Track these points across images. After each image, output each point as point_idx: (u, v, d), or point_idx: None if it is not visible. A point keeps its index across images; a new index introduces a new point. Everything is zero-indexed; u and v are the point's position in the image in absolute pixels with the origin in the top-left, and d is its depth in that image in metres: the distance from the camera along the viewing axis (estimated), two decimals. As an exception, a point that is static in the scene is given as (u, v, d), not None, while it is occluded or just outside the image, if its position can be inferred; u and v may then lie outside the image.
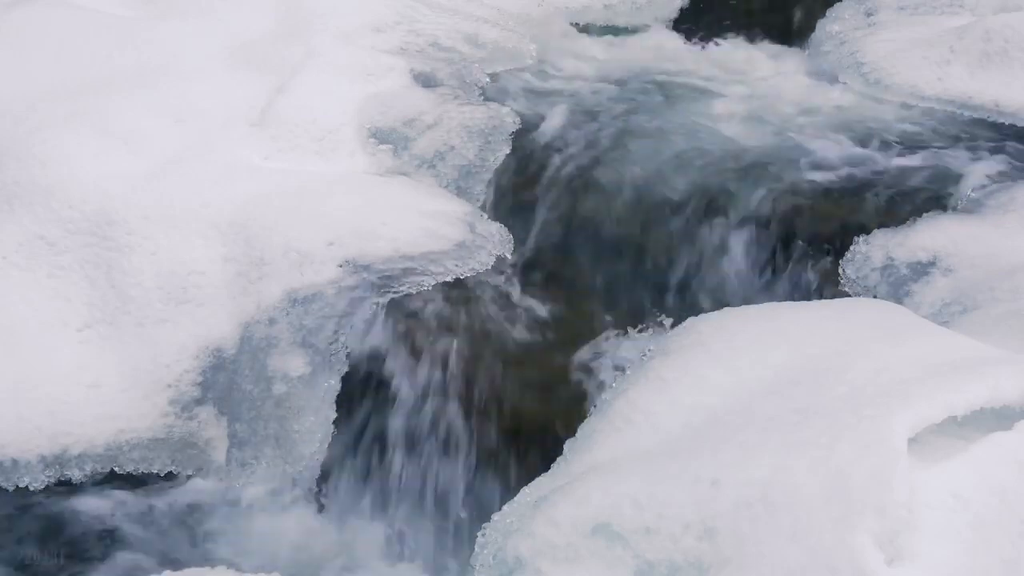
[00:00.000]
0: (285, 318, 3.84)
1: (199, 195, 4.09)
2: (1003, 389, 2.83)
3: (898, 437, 2.69)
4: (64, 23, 4.87)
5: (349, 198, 4.11)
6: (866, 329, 3.27)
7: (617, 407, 3.24)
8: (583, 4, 5.74)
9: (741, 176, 4.39)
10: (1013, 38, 4.85)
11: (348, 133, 4.48)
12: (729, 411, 3.06)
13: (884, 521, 2.58)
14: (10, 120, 4.35)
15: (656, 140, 4.59)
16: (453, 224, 4.10)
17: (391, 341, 3.82)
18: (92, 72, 4.63)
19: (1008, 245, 3.94)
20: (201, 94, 4.53)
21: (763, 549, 2.63)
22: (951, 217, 4.13)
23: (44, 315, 3.98)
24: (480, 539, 3.11)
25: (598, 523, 2.84)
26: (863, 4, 5.52)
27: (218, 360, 3.87)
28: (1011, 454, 2.73)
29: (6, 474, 3.76)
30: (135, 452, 3.81)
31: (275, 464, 3.79)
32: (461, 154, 4.45)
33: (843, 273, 4.05)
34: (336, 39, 4.88)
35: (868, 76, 5.05)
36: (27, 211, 4.09)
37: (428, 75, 4.81)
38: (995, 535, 2.63)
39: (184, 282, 3.96)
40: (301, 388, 3.78)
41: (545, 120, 4.71)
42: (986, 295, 3.75)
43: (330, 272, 3.89)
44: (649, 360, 3.39)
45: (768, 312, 3.50)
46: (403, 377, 3.78)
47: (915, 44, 5.09)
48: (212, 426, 3.84)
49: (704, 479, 2.78)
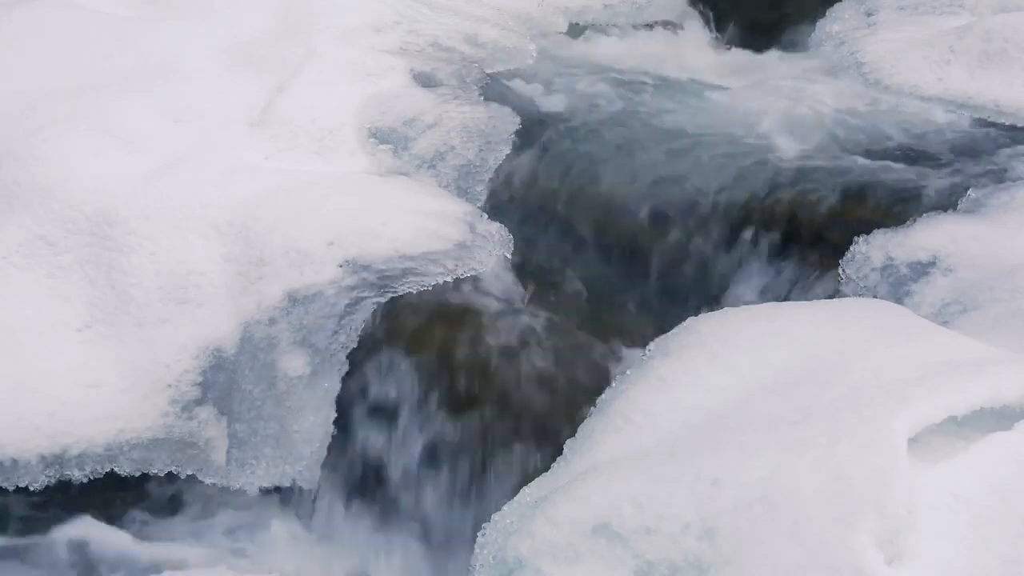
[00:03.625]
0: (285, 318, 3.84)
1: (199, 195, 4.09)
2: (1003, 389, 2.84)
3: (898, 437, 2.70)
4: (64, 23, 4.87)
5: (349, 198, 4.11)
6: (866, 329, 3.27)
7: (617, 407, 3.25)
8: (583, 4, 5.74)
9: (741, 176, 4.39)
10: (1013, 38, 4.85)
11: (348, 133, 4.48)
12: (729, 411, 3.06)
13: (884, 521, 2.58)
14: (10, 120, 4.35)
15: (656, 140, 4.59)
16: (453, 224, 4.10)
17: (391, 341, 3.81)
18: (92, 72, 4.63)
19: (1008, 245, 3.94)
20: (201, 94, 4.53)
21: (763, 549, 2.63)
22: (951, 217, 4.13)
23: (44, 315, 3.97)
24: (480, 539, 3.11)
25: (598, 523, 2.84)
26: (863, 4, 5.52)
27: (218, 360, 3.87)
28: (1011, 454, 2.73)
29: (6, 474, 3.76)
30: (135, 452, 3.81)
31: (275, 464, 3.78)
32: (461, 154, 4.45)
33: (843, 273, 4.05)
34: (336, 39, 4.88)
35: (868, 76, 5.05)
36: (27, 211, 4.09)
37: (428, 75, 4.81)
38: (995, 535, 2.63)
39: (184, 282, 3.96)
40: (301, 388, 3.78)
41: (545, 120, 4.71)
42: (986, 295, 3.75)
43: (330, 272, 3.89)
44: (649, 360, 3.39)
45: (768, 312, 3.50)
46: (403, 377, 3.78)
47: (915, 44, 5.09)
48: (212, 426, 3.84)
49: (704, 479, 2.78)
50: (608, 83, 5.05)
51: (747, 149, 4.52)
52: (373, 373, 3.80)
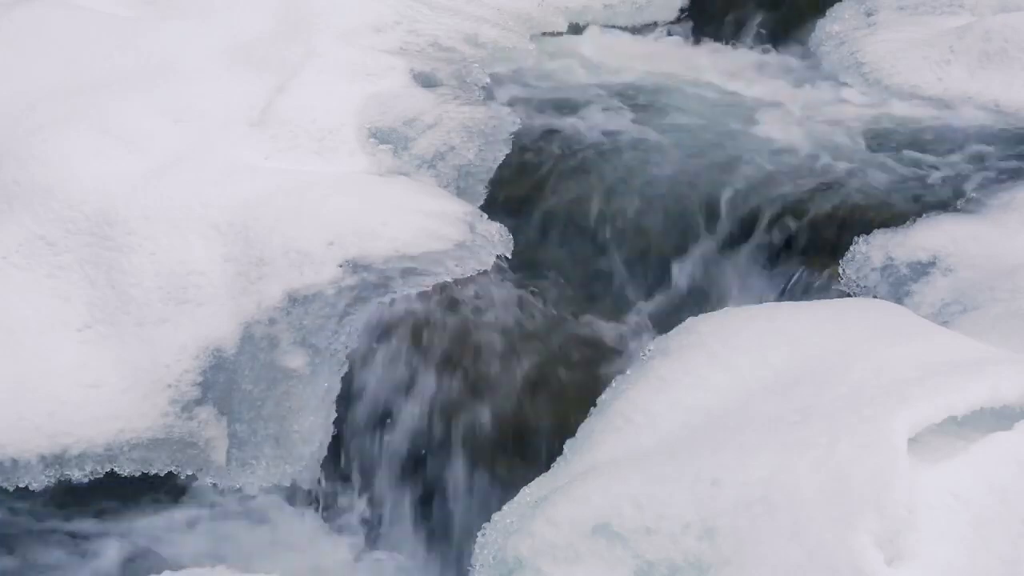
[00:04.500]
0: (285, 318, 3.84)
1: (199, 195, 4.09)
2: (1003, 389, 2.84)
3: (898, 437, 2.70)
4: (64, 23, 4.87)
5: (349, 198, 4.11)
6: (866, 329, 3.27)
7: (617, 407, 3.25)
8: (583, 4, 5.74)
9: (741, 176, 4.39)
10: (1013, 38, 4.85)
11: (348, 133, 4.48)
12: (729, 411, 3.06)
13: (884, 521, 2.58)
14: (10, 120, 4.35)
15: (656, 140, 4.59)
16: (453, 224, 4.10)
17: (391, 341, 3.81)
18: (92, 72, 4.63)
19: (1008, 245, 3.94)
20: (201, 94, 4.53)
21: (763, 549, 2.63)
22: (951, 217, 4.13)
23: (44, 315, 3.97)
24: (480, 539, 3.11)
25: (598, 523, 2.84)
26: (863, 4, 5.52)
27: (218, 360, 3.87)
28: (1011, 454, 2.73)
29: (6, 474, 3.76)
30: (135, 452, 3.81)
31: (275, 464, 3.78)
32: (461, 154, 4.45)
33: (843, 273, 4.05)
34: (336, 39, 4.88)
35: (868, 76, 5.05)
36: (27, 211, 4.09)
37: (428, 75, 4.81)
38: (995, 535, 2.63)
39: (184, 282, 3.96)
40: (301, 388, 3.78)
41: (545, 120, 4.71)
42: (986, 295, 3.75)
43: (330, 272, 3.89)
44: (649, 360, 3.39)
45: (768, 312, 3.50)
46: (403, 377, 3.78)
47: (915, 44, 5.09)
48: (212, 426, 3.84)
49: (704, 479, 2.78)
50: (608, 83, 5.05)
51: (747, 148, 4.52)
52: (373, 373, 3.80)
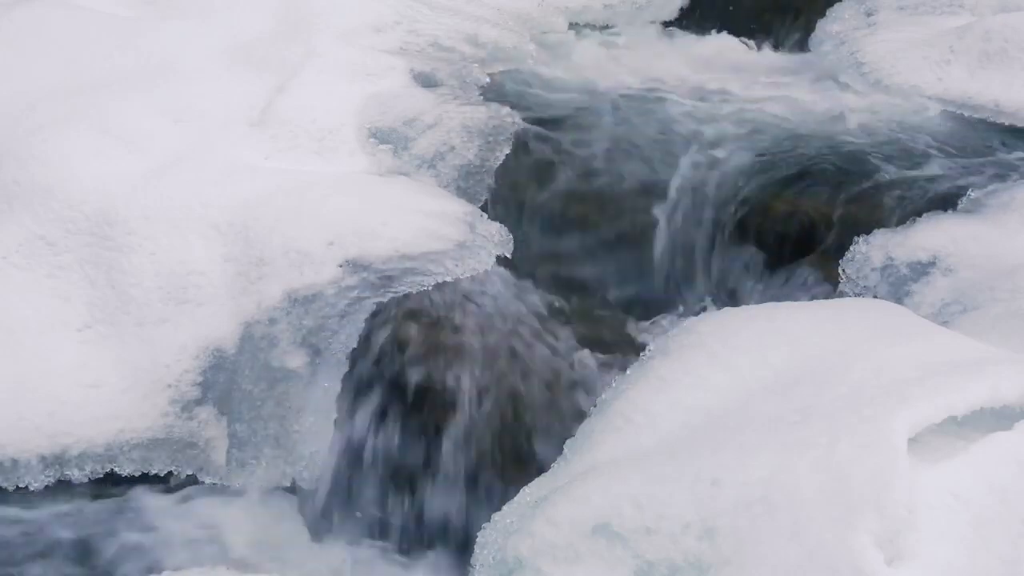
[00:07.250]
0: (285, 318, 3.84)
1: (199, 195, 4.09)
2: (1003, 389, 2.84)
3: (898, 437, 2.70)
4: (64, 23, 4.87)
5: (349, 198, 4.11)
6: (866, 329, 3.27)
7: (617, 407, 3.25)
8: (583, 4, 5.74)
9: (742, 176, 4.39)
10: (1013, 38, 4.85)
11: (348, 133, 4.48)
12: (729, 411, 3.06)
13: (884, 521, 2.58)
14: (10, 120, 4.35)
15: (656, 140, 4.59)
16: (453, 224, 4.10)
17: (391, 341, 3.81)
18: (92, 72, 4.63)
19: (1008, 245, 3.94)
20: (201, 94, 4.53)
21: (763, 549, 2.63)
22: (951, 217, 4.13)
23: (44, 315, 3.97)
24: (480, 539, 3.11)
25: (598, 523, 2.84)
26: (863, 4, 5.52)
27: (218, 360, 3.87)
28: (1011, 454, 2.73)
29: (6, 474, 3.76)
30: (135, 452, 3.81)
31: (275, 464, 3.78)
32: (461, 154, 4.45)
33: (843, 273, 4.05)
34: (336, 39, 4.88)
35: (868, 76, 5.05)
36: (27, 211, 4.09)
37: (428, 75, 4.81)
38: (995, 535, 2.64)
39: (184, 282, 3.96)
40: (301, 388, 3.78)
41: (545, 120, 4.71)
42: (986, 295, 3.75)
43: (330, 272, 3.89)
44: (649, 360, 3.39)
45: (768, 312, 3.50)
46: (403, 377, 3.78)
47: (915, 44, 5.09)
48: (212, 426, 3.84)
49: (704, 479, 2.78)
50: (608, 83, 5.05)
51: (746, 148, 4.52)
52: (373, 372, 3.80)
